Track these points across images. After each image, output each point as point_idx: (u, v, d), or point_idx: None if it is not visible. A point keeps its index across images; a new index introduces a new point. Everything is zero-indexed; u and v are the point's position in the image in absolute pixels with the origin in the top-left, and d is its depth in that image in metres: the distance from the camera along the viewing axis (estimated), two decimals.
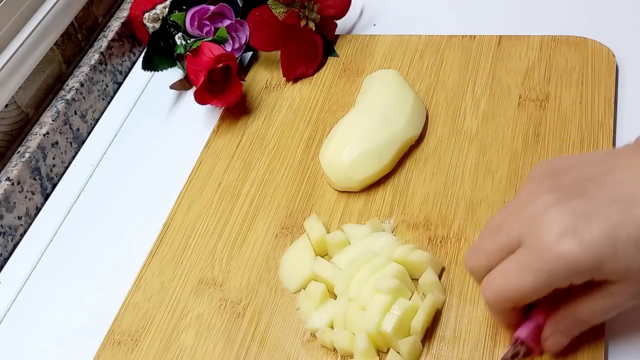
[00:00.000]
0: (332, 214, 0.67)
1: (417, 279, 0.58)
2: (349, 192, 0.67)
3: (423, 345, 0.55)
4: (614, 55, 0.70)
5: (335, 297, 0.58)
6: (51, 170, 0.80)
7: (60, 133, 0.82)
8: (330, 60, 0.82)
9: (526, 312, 0.50)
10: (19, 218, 0.76)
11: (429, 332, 0.56)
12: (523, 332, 0.49)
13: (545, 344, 0.50)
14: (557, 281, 0.45)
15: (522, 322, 0.50)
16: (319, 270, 0.60)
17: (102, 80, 0.89)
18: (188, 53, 0.79)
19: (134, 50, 0.94)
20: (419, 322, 0.54)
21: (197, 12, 0.82)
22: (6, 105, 0.78)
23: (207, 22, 0.82)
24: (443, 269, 0.59)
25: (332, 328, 0.57)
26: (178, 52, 0.82)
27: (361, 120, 0.69)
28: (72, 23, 0.88)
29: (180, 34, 0.82)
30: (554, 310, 0.48)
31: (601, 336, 0.52)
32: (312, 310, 0.58)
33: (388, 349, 0.55)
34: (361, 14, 0.87)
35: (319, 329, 0.57)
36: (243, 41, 0.83)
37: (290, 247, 0.65)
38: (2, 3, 0.78)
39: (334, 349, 0.56)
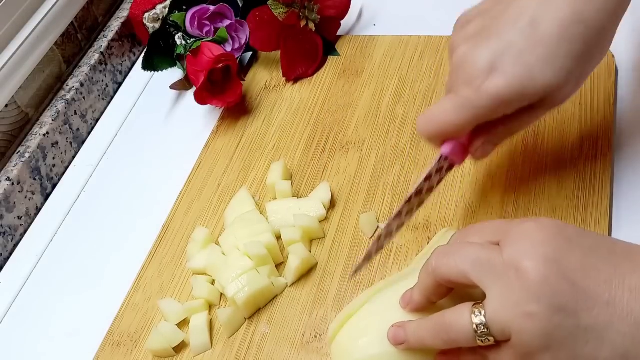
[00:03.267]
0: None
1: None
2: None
3: None
4: (613, 56, 0.70)
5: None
6: (51, 170, 0.81)
7: (60, 133, 0.82)
8: (330, 60, 0.82)
9: None
10: (19, 218, 0.76)
11: None
12: (446, 149, 0.54)
13: (475, 153, 0.54)
14: (488, 115, 0.50)
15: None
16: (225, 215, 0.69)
17: (102, 80, 0.89)
18: (188, 53, 0.79)
19: (134, 50, 0.94)
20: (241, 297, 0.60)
21: (197, 12, 0.82)
22: (6, 105, 0.78)
23: (207, 22, 0.82)
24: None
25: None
26: (178, 52, 0.82)
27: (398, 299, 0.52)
28: (72, 23, 0.88)
29: (180, 34, 0.82)
30: (487, 128, 0.53)
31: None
32: (195, 252, 0.65)
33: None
34: (361, 14, 0.87)
35: (195, 268, 0.65)
36: (243, 41, 0.83)
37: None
38: (2, 3, 0.78)
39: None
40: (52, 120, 0.81)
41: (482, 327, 0.43)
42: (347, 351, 0.52)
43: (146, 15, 0.88)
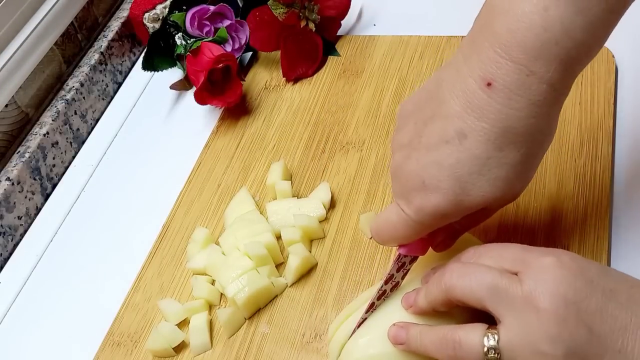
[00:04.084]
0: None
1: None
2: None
3: None
4: (613, 57, 0.70)
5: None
6: (51, 170, 0.81)
7: (60, 133, 0.82)
8: (330, 60, 0.82)
9: None
10: (19, 218, 0.76)
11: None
12: (404, 250, 0.52)
13: (437, 248, 0.54)
14: (434, 227, 0.49)
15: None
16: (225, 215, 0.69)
17: (102, 80, 0.89)
18: (188, 53, 0.79)
19: (134, 50, 0.94)
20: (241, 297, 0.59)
21: (197, 12, 0.82)
22: (6, 105, 0.78)
23: (207, 22, 0.82)
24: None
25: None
26: (178, 52, 0.82)
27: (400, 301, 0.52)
28: (72, 23, 0.88)
29: (180, 34, 0.82)
30: (444, 227, 0.51)
31: None
32: (195, 252, 0.65)
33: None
34: (361, 14, 0.87)
35: (195, 268, 0.65)
36: (243, 41, 0.83)
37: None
38: (2, 3, 0.78)
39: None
40: (52, 120, 0.81)
41: (493, 352, 0.43)
42: (347, 350, 0.52)
43: (146, 15, 0.88)
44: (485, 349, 0.43)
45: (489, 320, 0.45)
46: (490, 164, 0.45)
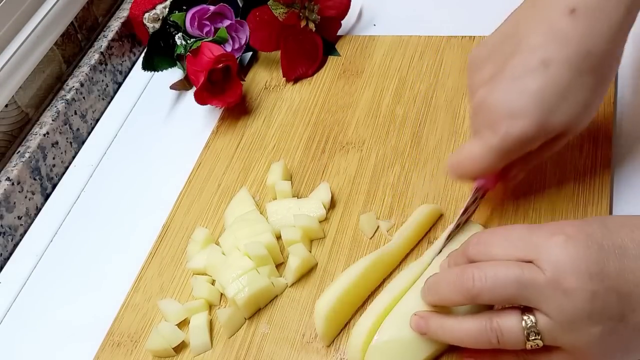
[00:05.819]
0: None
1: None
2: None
3: None
4: None
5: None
6: (51, 170, 0.81)
7: (60, 133, 0.82)
8: (330, 60, 0.82)
9: None
10: (19, 218, 0.76)
11: None
12: (481, 182, 0.56)
13: (509, 182, 0.59)
14: (515, 155, 0.53)
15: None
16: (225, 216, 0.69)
17: (102, 80, 0.89)
18: (188, 53, 0.79)
19: (134, 50, 0.94)
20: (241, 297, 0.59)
21: (197, 12, 0.82)
22: (6, 105, 0.78)
23: (207, 22, 0.82)
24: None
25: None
26: (178, 52, 0.82)
27: (414, 290, 0.55)
28: (72, 23, 0.88)
29: (180, 34, 0.82)
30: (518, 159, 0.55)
31: None
32: (195, 252, 0.65)
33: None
34: (361, 14, 0.87)
35: (195, 268, 0.65)
36: (243, 41, 0.83)
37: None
38: (2, 3, 0.78)
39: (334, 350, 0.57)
40: (52, 120, 0.81)
41: (534, 335, 0.45)
42: (354, 334, 0.54)
43: (146, 15, 0.88)
44: (526, 333, 0.45)
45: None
46: (572, 89, 0.50)
